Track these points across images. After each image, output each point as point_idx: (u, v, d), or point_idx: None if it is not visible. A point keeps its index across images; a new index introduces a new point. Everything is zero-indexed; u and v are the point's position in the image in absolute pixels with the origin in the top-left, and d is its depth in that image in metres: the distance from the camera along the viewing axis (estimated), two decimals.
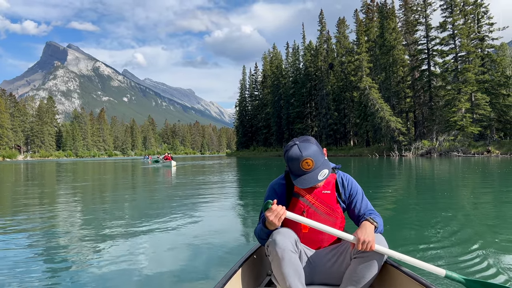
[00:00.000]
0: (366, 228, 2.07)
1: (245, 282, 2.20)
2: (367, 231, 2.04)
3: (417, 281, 1.90)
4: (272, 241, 2.07)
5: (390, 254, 2.04)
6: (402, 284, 2.01)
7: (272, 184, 2.39)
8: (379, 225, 2.18)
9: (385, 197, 8.82)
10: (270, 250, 2.08)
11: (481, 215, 6.19)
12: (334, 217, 2.28)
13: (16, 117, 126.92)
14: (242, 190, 11.84)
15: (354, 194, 2.34)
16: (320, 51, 75.95)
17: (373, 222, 2.14)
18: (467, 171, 17.75)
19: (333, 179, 2.32)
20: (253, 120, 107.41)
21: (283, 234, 2.09)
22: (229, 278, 1.98)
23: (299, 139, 2.20)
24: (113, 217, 6.67)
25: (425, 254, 3.81)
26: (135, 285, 3.19)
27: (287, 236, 2.08)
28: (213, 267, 3.59)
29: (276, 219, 2.03)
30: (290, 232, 2.13)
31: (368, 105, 55.22)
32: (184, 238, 4.86)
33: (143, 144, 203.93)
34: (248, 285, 2.24)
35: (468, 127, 45.15)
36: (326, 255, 2.27)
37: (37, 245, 4.75)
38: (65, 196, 10.86)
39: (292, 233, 2.13)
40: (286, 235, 2.09)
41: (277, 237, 2.06)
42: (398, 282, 2.06)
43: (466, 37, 47.91)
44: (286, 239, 2.06)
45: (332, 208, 2.28)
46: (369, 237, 2.01)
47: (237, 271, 2.11)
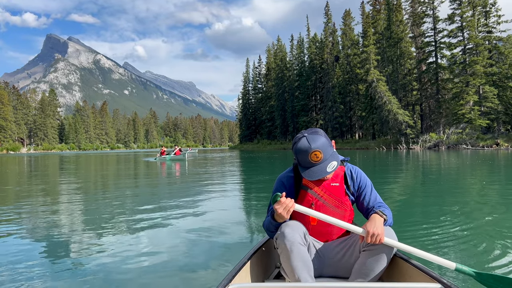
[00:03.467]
0: (375, 221, 2.06)
1: (254, 274, 2.20)
2: (376, 224, 2.03)
3: (427, 274, 1.88)
4: (281, 233, 2.07)
5: (399, 247, 2.03)
6: (411, 277, 2.01)
7: (281, 177, 2.39)
8: (388, 218, 2.17)
9: (396, 190, 8.78)
10: (279, 242, 2.08)
11: (492, 207, 6.07)
12: (343, 209, 2.27)
13: (19, 110, 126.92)
14: (250, 183, 11.83)
15: (363, 187, 2.33)
16: (326, 43, 75.57)
17: (382, 215, 2.13)
18: (480, 164, 17.66)
19: (341, 171, 2.32)
20: (256, 113, 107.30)
21: (292, 227, 2.09)
22: (238, 271, 1.99)
23: (307, 131, 2.19)
24: (116, 211, 6.57)
25: (434, 247, 3.78)
26: (142, 278, 3.17)
27: (295, 229, 2.08)
28: (222, 260, 3.57)
29: (284, 212, 2.03)
30: (299, 225, 2.13)
31: (376, 98, 55.02)
32: (192, 231, 4.82)
33: (145, 137, 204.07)
34: (257, 278, 2.24)
35: (476, 120, 45.02)
36: (335, 247, 2.27)
37: (44, 238, 4.67)
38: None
39: (300, 226, 2.13)
40: (294, 228, 2.09)
41: (285, 230, 2.07)
42: (407, 275, 2.05)
43: (475, 29, 47.62)
44: (295, 232, 2.07)
45: (341, 201, 2.27)
46: (378, 230, 2.00)
47: (246, 263, 2.11)
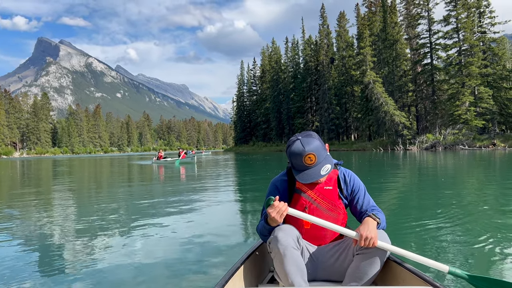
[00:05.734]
0: (369, 224, 2.06)
1: (247, 279, 2.20)
2: (370, 227, 2.03)
3: (420, 277, 1.89)
4: (274, 238, 2.06)
5: (393, 250, 2.04)
6: (405, 280, 2.01)
7: (274, 181, 2.38)
8: (381, 221, 2.18)
9: (391, 192, 8.80)
10: (272, 247, 2.07)
11: (486, 210, 6.05)
12: (336, 213, 2.27)
13: (11, 113, 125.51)
14: (243, 186, 11.76)
15: (356, 190, 2.33)
16: (322, 45, 75.79)
17: (375, 218, 2.14)
18: (477, 164, 17.76)
19: (335, 175, 2.32)
20: (251, 115, 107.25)
21: (285, 231, 2.08)
22: (231, 275, 1.98)
23: (301, 134, 2.19)
24: (109, 215, 6.52)
25: (428, 250, 3.78)
26: (135, 282, 3.15)
27: (288, 233, 2.07)
28: (215, 264, 3.56)
29: (278, 216, 2.02)
30: (292, 229, 2.12)
31: (372, 100, 55.21)
32: (185, 235, 4.78)
33: (139, 141, 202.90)
34: (250, 282, 2.23)
35: (472, 121, 45.42)
36: (329, 251, 2.26)
37: (41, 242, 4.68)
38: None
39: (294, 230, 2.12)
40: (287, 231, 2.08)
41: (278, 234, 2.06)
42: (401, 278, 2.06)
43: (469, 30, 48.08)
44: (288, 235, 2.06)
45: (334, 204, 2.27)
46: (372, 233, 2.00)
47: (239, 268, 2.11)
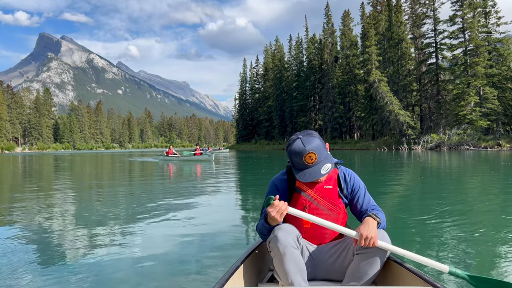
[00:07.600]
0: (369, 224, 2.06)
1: (247, 278, 2.20)
2: (370, 227, 2.03)
3: (420, 278, 1.88)
4: (274, 237, 2.06)
5: (393, 250, 2.03)
6: (405, 280, 2.01)
7: (274, 180, 2.38)
8: (382, 221, 2.17)
9: (394, 192, 8.77)
10: (272, 246, 2.08)
11: (488, 211, 6.03)
12: (336, 212, 2.27)
13: (13, 109, 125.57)
14: (244, 185, 11.71)
15: (356, 190, 2.33)
16: (326, 43, 75.61)
17: (375, 218, 2.13)
18: (483, 164, 17.65)
19: (335, 174, 2.31)
20: (254, 113, 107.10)
21: (285, 230, 2.08)
22: (231, 274, 1.98)
23: (302, 133, 2.19)
24: (109, 214, 6.42)
25: (428, 250, 3.76)
26: (136, 280, 3.14)
27: (288, 232, 2.07)
28: (215, 263, 3.55)
29: (278, 215, 2.03)
30: (292, 228, 2.12)
31: (377, 99, 55.09)
32: (185, 234, 4.76)
33: (140, 137, 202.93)
34: (250, 281, 2.24)
35: (477, 121, 45.30)
36: (329, 250, 2.26)
37: (42, 238, 4.68)
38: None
39: (293, 229, 2.12)
40: (287, 231, 2.08)
41: (278, 233, 2.06)
42: (401, 278, 2.05)
43: (475, 30, 47.92)
44: (288, 235, 2.06)
45: (334, 203, 2.27)
46: (372, 233, 1.99)
47: (239, 267, 2.11)
